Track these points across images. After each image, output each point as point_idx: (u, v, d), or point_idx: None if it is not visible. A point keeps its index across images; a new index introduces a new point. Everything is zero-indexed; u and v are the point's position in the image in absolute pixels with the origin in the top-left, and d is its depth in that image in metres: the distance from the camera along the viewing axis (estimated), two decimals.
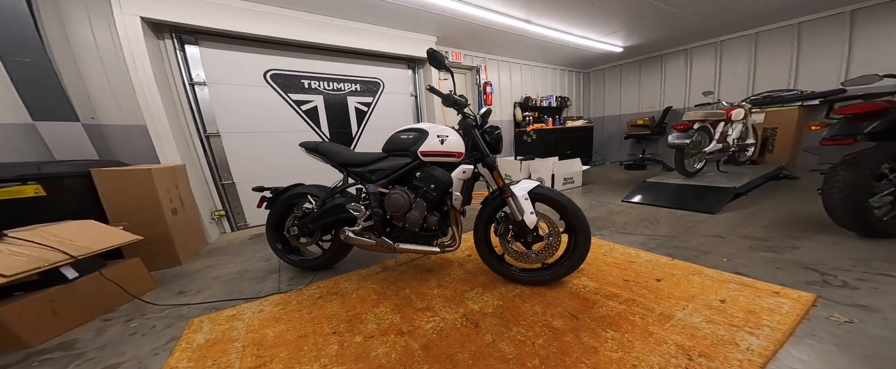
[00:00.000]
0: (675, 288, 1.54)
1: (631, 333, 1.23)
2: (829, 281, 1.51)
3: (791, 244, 1.97)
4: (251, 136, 3.35)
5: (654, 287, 1.57)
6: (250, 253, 2.57)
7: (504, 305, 1.55)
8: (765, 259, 1.80)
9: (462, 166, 1.68)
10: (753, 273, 1.64)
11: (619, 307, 1.42)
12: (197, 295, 1.84)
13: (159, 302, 1.74)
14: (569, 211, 1.58)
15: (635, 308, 1.40)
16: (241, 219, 3.41)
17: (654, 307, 1.40)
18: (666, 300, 1.44)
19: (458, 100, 1.71)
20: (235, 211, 3.37)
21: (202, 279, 2.08)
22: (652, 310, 1.37)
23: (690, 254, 1.93)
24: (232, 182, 3.31)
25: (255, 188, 2.08)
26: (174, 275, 2.18)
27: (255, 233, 3.16)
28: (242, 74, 3.25)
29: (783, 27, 4.56)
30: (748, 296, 1.41)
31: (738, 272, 1.66)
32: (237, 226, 3.39)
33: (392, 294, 1.75)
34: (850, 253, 1.80)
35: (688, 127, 3.15)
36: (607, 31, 4.45)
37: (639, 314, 1.35)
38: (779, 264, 1.72)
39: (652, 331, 1.23)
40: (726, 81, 5.19)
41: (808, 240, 2.03)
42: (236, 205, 3.36)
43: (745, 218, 2.53)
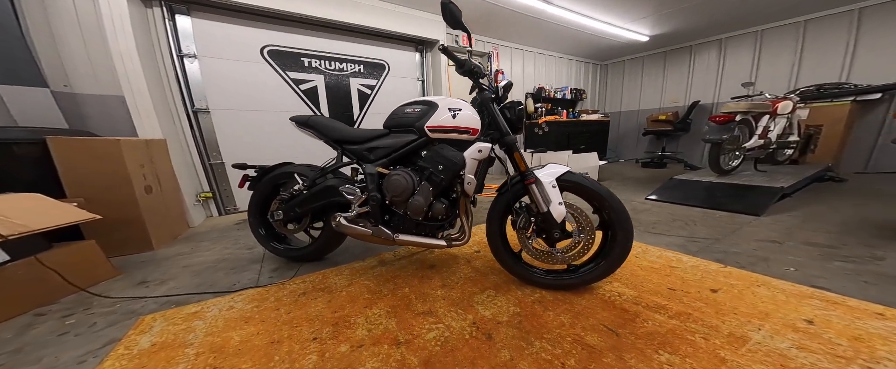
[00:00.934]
0: (739, 302, 1.25)
1: (694, 358, 0.95)
2: None
3: (871, 254, 1.66)
4: (244, 114, 3.09)
5: (710, 299, 1.29)
6: (234, 239, 2.31)
7: (522, 313, 1.27)
8: (844, 270, 1.49)
9: (478, 144, 1.40)
10: (836, 287, 1.34)
11: (669, 322, 1.14)
12: (159, 286, 1.58)
13: (111, 294, 1.48)
14: (607, 203, 1.28)
15: (692, 324, 1.12)
16: (231, 202, 3.16)
17: (717, 324, 1.11)
18: (730, 316, 1.16)
19: (474, 68, 1.43)
20: (224, 193, 3.12)
21: (171, 267, 1.82)
22: (716, 329, 1.08)
23: (745, 261, 1.63)
24: (221, 162, 3.05)
25: (237, 165, 1.81)
26: (142, 261, 1.92)
27: (245, 219, 2.91)
28: (238, 49, 2.99)
29: (839, 13, 4.11)
30: (843, 317, 1.12)
31: (815, 285, 1.36)
32: (226, 209, 3.14)
33: (388, 293, 1.48)
34: None
35: (728, 119, 2.80)
36: (635, 17, 4.10)
37: (699, 332, 1.07)
38: (866, 277, 1.41)
39: (724, 357, 0.94)
40: (765, 74, 4.77)
41: (885, 249, 1.72)
42: (225, 187, 3.11)
43: (800, 221, 2.21)
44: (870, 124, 4.04)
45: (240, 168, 1.80)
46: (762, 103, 2.94)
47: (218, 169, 3.06)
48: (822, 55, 4.31)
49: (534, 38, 4.85)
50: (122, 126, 2.45)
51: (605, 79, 6.86)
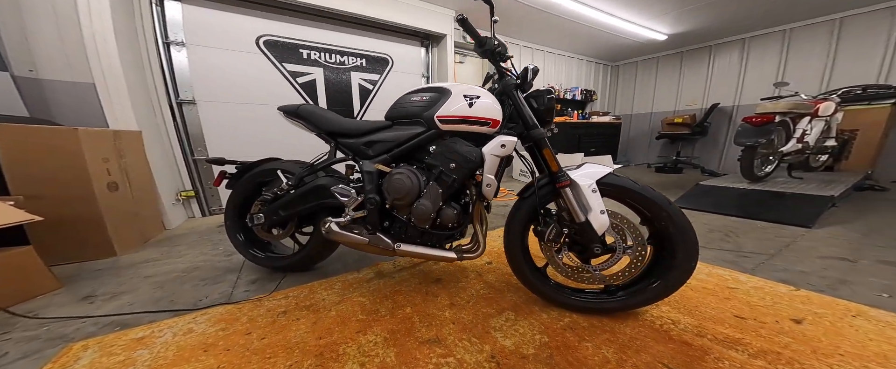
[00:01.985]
0: (837, 339, 0.99)
1: None
2: None
3: None
4: (235, 107, 2.84)
5: (796, 332, 1.03)
6: (213, 244, 2.05)
7: (551, 344, 1.02)
8: None
9: (500, 138, 1.15)
10: None
11: (753, 363, 0.88)
12: (107, 302, 1.31)
13: (42, 313, 1.21)
14: (665, 212, 1.03)
15: (787, 368, 0.85)
16: (216, 201, 2.90)
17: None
18: (835, 358, 0.90)
19: (497, 48, 1.19)
20: (209, 192, 2.86)
21: (131, 277, 1.56)
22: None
23: (819, 283, 1.36)
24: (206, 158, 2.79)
25: (213, 159, 1.56)
26: (98, 270, 1.65)
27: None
28: (231, 38, 2.76)
29: (878, 10, 3.86)
30: None
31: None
32: (209, 210, 2.88)
33: (386, 313, 1.23)
34: None
35: (768, 120, 2.53)
36: (656, 13, 3.88)
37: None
38: None
39: None
40: (792, 76, 4.51)
41: None
42: (210, 185, 2.85)
43: (861, 235, 1.95)
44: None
45: (216, 163, 1.55)
46: (803, 104, 2.68)
47: (202, 165, 2.81)
48: (859, 54, 4.05)
49: (544, 36, 4.64)
50: (93, 117, 2.20)
51: (616, 80, 6.64)
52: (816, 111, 2.82)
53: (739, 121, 4.85)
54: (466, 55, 4.36)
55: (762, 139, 2.50)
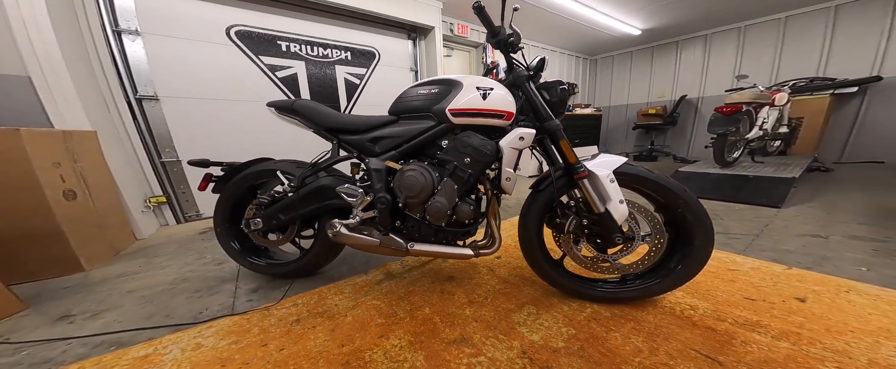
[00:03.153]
0: (843, 315, 1.07)
1: None
2: None
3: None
4: (205, 104, 2.62)
5: (805, 311, 1.10)
6: (198, 252, 1.90)
7: (579, 335, 1.03)
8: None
9: (518, 130, 1.13)
10: None
11: (778, 345, 0.93)
12: (91, 321, 1.17)
13: (14, 337, 1.06)
14: (681, 200, 1.06)
15: (811, 348, 0.91)
16: (191, 206, 2.68)
17: (844, 348, 0.91)
18: (849, 336, 0.97)
19: (510, 39, 1.16)
20: (182, 197, 2.64)
21: (110, 293, 1.41)
22: (847, 354, 0.88)
23: (807, 261, 1.49)
24: (176, 159, 2.57)
25: (194, 161, 1.42)
26: (67, 287, 1.48)
27: (208, 226, 2.46)
28: (195, 27, 2.51)
29: (818, 10, 4.27)
30: None
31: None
32: (185, 216, 2.66)
33: (405, 315, 1.19)
34: None
35: (736, 109, 2.74)
36: (632, 8, 4.02)
37: (830, 360, 0.86)
38: None
39: None
40: (747, 69, 4.89)
41: None
42: (183, 189, 2.63)
43: (824, 213, 2.15)
44: (845, 116, 4.26)
45: (199, 165, 1.42)
46: (763, 95, 2.94)
47: (172, 167, 2.57)
48: (801, 50, 4.49)
49: (529, 29, 4.67)
50: (33, 116, 1.92)
51: (595, 73, 6.87)
52: (773, 101, 3.08)
53: (706, 111, 5.32)
54: (453, 48, 4.30)
55: (732, 127, 2.70)
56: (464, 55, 4.62)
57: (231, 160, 1.43)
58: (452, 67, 4.21)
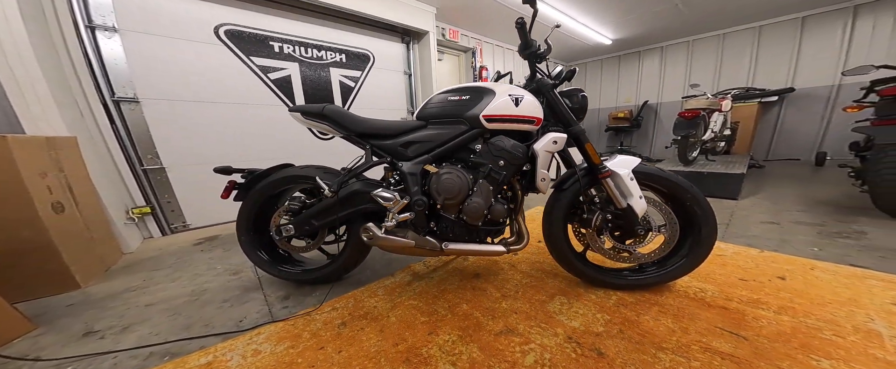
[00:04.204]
0: (818, 290, 1.28)
1: (862, 363, 0.89)
2: None
3: (851, 229, 1.92)
4: (193, 107, 2.48)
5: (789, 288, 1.30)
6: (203, 264, 1.81)
7: (613, 320, 1.15)
8: (852, 247, 1.68)
9: (551, 134, 1.24)
10: (867, 264, 1.48)
11: (782, 319, 1.10)
12: (123, 335, 1.12)
13: (45, 355, 1.00)
14: (690, 195, 1.23)
15: (807, 319, 1.09)
16: (178, 218, 2.52)
17: (830, 317, 1.10)
18: (830, 307, 1.16)
19: (539, 51, 1.27)
20: (167, 207, 2.47)
21: (127, 308, 1.33)
22: (835, 324, 1.07)
23: (771, 244, 1.74)
24: (161, 166, 2.41)
25: (220, 169, 1.39)
26: (70, 305, 1.37)
27: (204, 237, 2.34)
28: (181, 25, 2.38)
29: (747, 29, 4.97)
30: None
31: (852, 264, 1.48)
32: (171, 227, 2.50)
33: (446, 312, 1.25)
34: None
35: (695, 114, 3.12)
36: (605, 20, 4.37)
37: (825, 331, 1.03)
38: (878, 254, 1.58)
39: (889, 361, 0.90)
40: (695, 78, 5.56)
41: (857, 223, 2.01)
42: (169, 200, 2.47)
43: (771, 203, 2.51)
44: (769, 121, 5.03)
45: (223, 172, 1.39)
46: (714, 102, 3.35)
47: (156, 176, 2.41)
48: (736, 64, 5.20)
49: (512, 35, 4.85)
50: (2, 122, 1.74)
51: (570, 78, 7.33)
52: (721, 107, 3.51)
53: (664, 114, 5.90)
54: (444, 52, 4.40)
55: (693, 130, 3.06)
56: (454, 59, 4.75)
57: (221, 165, 1.39)
58: (443, 71, 4.32)
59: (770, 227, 2.00)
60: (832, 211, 2.28)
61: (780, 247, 1.70)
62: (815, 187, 3.04)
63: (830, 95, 4.50)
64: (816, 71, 4.55)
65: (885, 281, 1.32)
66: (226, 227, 2.54)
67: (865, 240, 1.75)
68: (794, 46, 4.62)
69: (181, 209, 2.51)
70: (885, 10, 4.02)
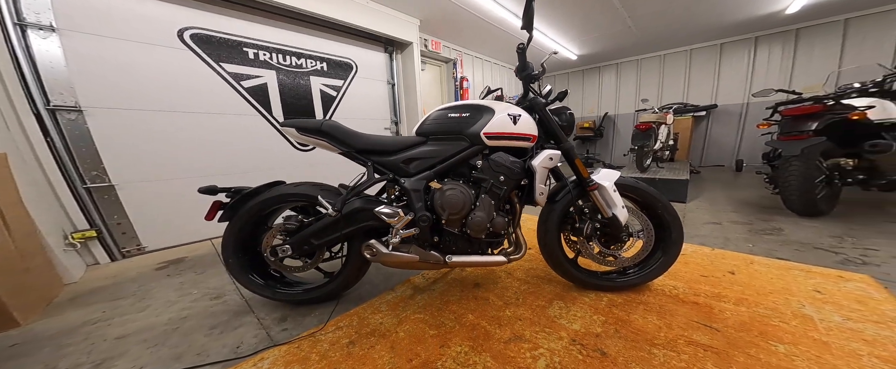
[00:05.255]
0: (757, 281, 1.50)
1: (807, 345, 1.05)
2: (850, 259, 1.70)
3: (772, 226, 2.27)
4: (151, 116, 2.25)
5: (741, 281, 1.50)
6: (173, 290, 1.65)
7: (608, 320, 1.27)
8: (774, 242, 1.98)
9: (547, 151, 1.34)
10: (789, 256, 1.76)
11: (740, 310, 1.28)
12: None
13: None
14: (661, 203, 1.41)
15: (759, 309, 1.28)
16: (131, 241, 2.24)
17: (774, 307, 1.29)
18: (771, 297, 1.36)
19: (534, 73, 1.38)
20: (117, 229, 2.19)
21: (93, 343, 1.18)
22: (779, 312, 1.25)
23: (716, 242, 2.01)
24: (108, 183, 2.14)
25: (204, 189, 1.30)
26: (13, 346, 1.19)
27: (166, 260, 2.11)
28: (137, 27, 2.17)
29: (679, 52, 5.75)
30: (830, 284, 1.44)
31: (778, 257, 1.76)
32: (122, 252, 2.21)
33: (453, 323, 1.28)
34: (818, 231, 2.14)
35: (649, 127, 3.53)
36: (570, 37, 4.78)
37: (773, 318, 1.21)
38: (794, 247, 1.89)
39: (824, 341, 1.07)
40: (644, 93, 6.27)
41: (775, 221, 2.38)
42: (119, 221, 2.19)
43: (710, 204, 2.89)
44: (700, 133, 5.82)
45: (208, 192, 1.30)
46: (661, 115, 3.81)
47: (102, 194, 2.13)
48: (674, 81, 5.97)
49: (493, 48, 5.12)
50: None
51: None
52: (666, 120, 4.00)
53: (621, 125, 6.65)
54: (426, 63, 4.47)
55: (647, 141, 3.44)
56: (436, 70, 4.85)
57: (185, 180, 1.32)
58: (425, 81, 4.40)
59: (714, 227, 2.32)
60: (755, 211, 2.69)
61: (725, 244, 1.98)
62: (739, 190, 3.55)
63: (742, 112, 5.34)
64: (732, 90, 5.38)
65: (804, 271, 1.59)
66: (192, 248, 2.32)
67: (783, 235, 2.09)
68: (715, 69, 5.45)
69: (135, 231, 2.24)
70: (775, 41, 4.91)
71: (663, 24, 4.36)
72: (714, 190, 3.63)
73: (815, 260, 1.71)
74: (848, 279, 1.49)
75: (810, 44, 4.67)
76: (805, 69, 4.74)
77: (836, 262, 1.67)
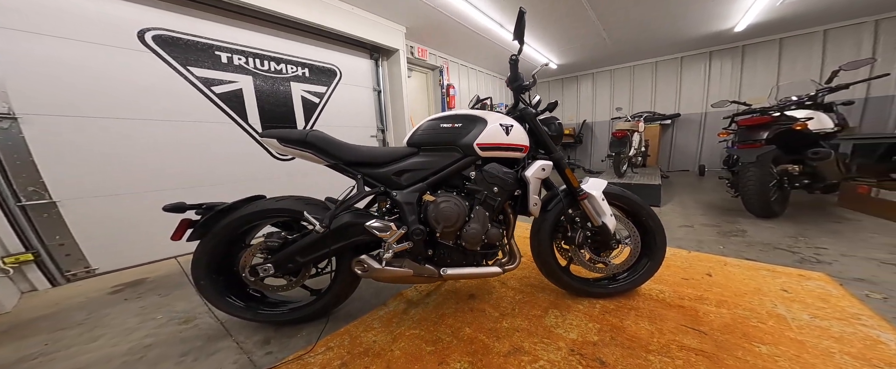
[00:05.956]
0: (733, 283, 1.58)
1: (786, 345, 1.11)
2: (806, 258, 1.85)
3: (737, 228, 2.43)
4: (102, 124, 2.01)
5: (718, 283, 1.58)
6: (133, 316, 1.47)
7: (603, 328, 1.28)
8: (743, 243, 2.12)
9: (539, 162, 1.35)
10: (755, 257, 1.89)
11: (722, 312, 1.34)
12: None
13: None
14: (645, 211, 1.46)
15: (739, 311, 1.34)
16: (77, 263, 1.98)
17: (751, 307, 1.36)
18: (746, 297, 1.43)
19: (525, 84, 1.39)
20: (59, 251, 1.92)
21: None
22: (756, 312, 1.32)
23: (691, 245, 2.11)
24: (49, 200, 1.89)
25: (170, 207, 1.17)
26: None
27: (121, 282, 1.89)
28: (88, 25, 1.94)
29: (646, 64, 6.16)
30: (794, 283, 1.55)
31: (747, 258, 1.87)
32: (66, 275, 1.95)
33: (450, 339, 1.25)
34: (776, 232, 2.32)
35: (624, 134, 3.70)
36: (550, 48, 4.95)
37: (752, 319, 1.28)
38: (758, 248, 2.03)
39: (800, 340, 1.14)
40: (617, 102, 6.61)
41: (739, 223, 2.56)
42: (63, 241, 1.93)
43: (682, 208, 3.06)
44: (667, 140, 6.21)
45: (175, 210, 1.18)
46: (634, 124, 4.02)
47: (40, 213, 1.86)
48: (643, 91, 6.37)
49: (478, 57, 5.18)
50: None
51: None
52: (638, 128, 4.23)
53: (598, 132, 6.96)
54: (412, 70, 4.42)
55: (624, 148, 3.62)
56: (422, 77, 4.82)
57: (142, 196, 1.19)
58: (412, 88, 4.36)
59: (688, 230, 2.45)
60: (721, 213, 2.89)
61: (699, 247, 2.10)
62: (704, 194, 3.81)
63: (701, 121, 5.78)
64: (692, 100, 5.82)
65: (771, 271, 1.70)
66: (153, 268, 2.10)
67: (747, 236, 2.25)
68: (678, 80, 5.89)
69: (82, 251, 1.98)
70: (726, 57, 5.39)
71: (633, 36, 4.64)
72: (683, 194, 3.86)
73: (777, 259, 1.85)
74: (808, 277, 1.61)
75: (754, 59, 5.15)
76: (751, 82, 5.22)
77: (795, 261, 1.81)
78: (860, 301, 1.37)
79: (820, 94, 2.78)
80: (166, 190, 2.26)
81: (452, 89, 4.79)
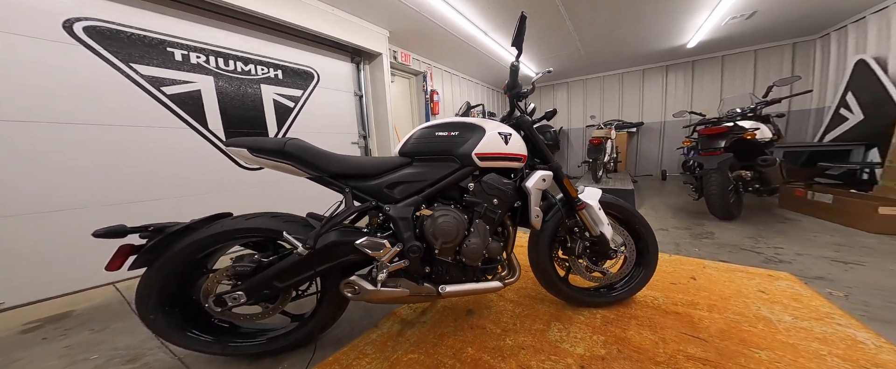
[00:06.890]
0: (716, 285, 1.63)
1: (781, 350, 1.14)
2: (770, 258, 1.97)
3: (706, 230, 2.57)
4: (10, 129, 1.65)
5: (703, 287, 1.62)
6: (57, 357, 1.20)
7: (608, 340, 1.25)
8: (714, 245, 2.23)
9: (539, 172, 1.30)
10: (728, 259, 1.98)
11: (715, 316, 1.36)
12: None
13: None
14: (638, 219, 1.47)
15: (730, 315, 1.36)
16: None
17: (740, 310, 1.39)
18: (732, 301, 1.47)
19: (522, 91, 1.35)
20: None
21: None
22: (744, 315, 1.35)
23: (670, 249, 2.19)
24: None
25: (103, 232, 0.92)
26: None
27: (39, 318, 1.55)
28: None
29: (613, 75, 6.57)
30: (767, 283, 1.62)
31: (722, 260, 1.96)
32: None
33: (453, 361, 1.15)
34: (737, 233, 2.48)
35: (600, 141, 3.87)
36: (531, 56, 5.05)
37: (744, 323, 1.30)
38: (728, 249, 2.14)
39: (791, 343, 1.17)
40: (591, 110, 6.96)
41: (705, 226, 2.71)
42: None
43: (655, 212, 3.20)
44: (633, 147, 6.62)
45: (111, 235, 0.94)
46: (607, 130, 4.24)
47: None
48: (612, 100, 6.76)
49: (461, 63, 5.12)
50: None
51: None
52: (610, 135, 4.46)
53: (573, 138, 7.25)
54: (395, 75, 4.24)
55: (600, 154, 3.79)
56: (405, 82, 4.66)
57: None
58: (395, 93, 4.20)
59: (664, 233, 2.55)
60: (688, 216, 3.07)
61: (678, 250, 2.18)
62: (670, 197, 4.05)
63: (661, 129, 6.24)
64: (653, 110, 6.28)
65: (745, 273, 1.78)
66: (82, 298, 1.75)
67: (716, 238, 2.39)
68: (641, 91, 6.34)
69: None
70: (679, 70, 5.90)
71: (602, 47, 4.90)
72: (652, 197, 4.07)
73: (746, 260, 1.96)
74: (777, 277, 1.71)
75: (702, 74, 5.69)
76: (700, 95, 5.74)
77: (762, 261, 1.93)
78: (827, 299, 1.47)
79: (759, 107, 3.07)
80: (102, 207, 1.91)
81: (436, 95, 4.71)
